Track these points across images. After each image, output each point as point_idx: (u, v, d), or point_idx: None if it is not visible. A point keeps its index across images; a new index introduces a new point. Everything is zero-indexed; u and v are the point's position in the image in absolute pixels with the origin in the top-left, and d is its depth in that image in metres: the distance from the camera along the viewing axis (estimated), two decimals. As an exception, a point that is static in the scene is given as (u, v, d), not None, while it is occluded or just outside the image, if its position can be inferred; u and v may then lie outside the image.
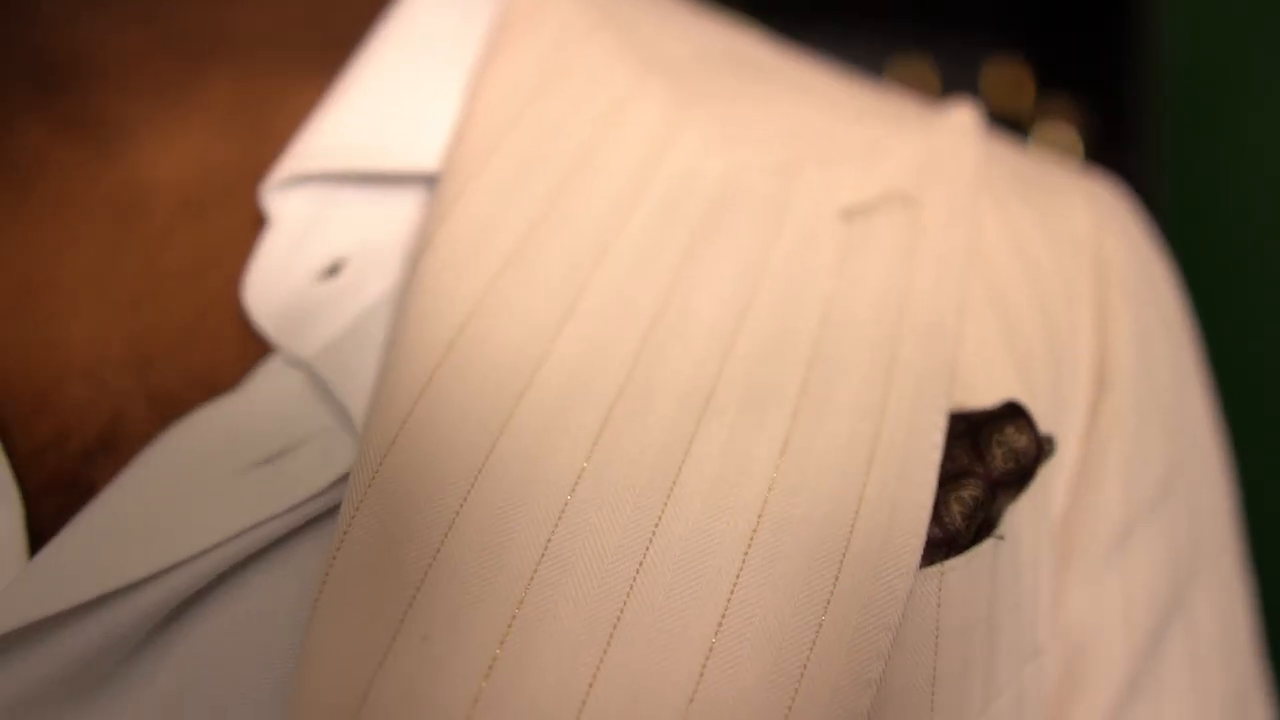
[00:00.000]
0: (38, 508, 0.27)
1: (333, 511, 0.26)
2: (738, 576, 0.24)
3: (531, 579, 0.24)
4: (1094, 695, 0.31)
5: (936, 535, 0.25)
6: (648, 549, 0.24)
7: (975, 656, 0.26)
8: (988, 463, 0.26)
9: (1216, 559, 0.33)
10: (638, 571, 0.24)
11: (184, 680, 0.25)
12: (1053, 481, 0.29)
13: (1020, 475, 0.27)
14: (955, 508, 0.26)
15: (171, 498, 0.26)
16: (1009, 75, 0.96)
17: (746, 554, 0.24)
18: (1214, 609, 0.33)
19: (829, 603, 0.24)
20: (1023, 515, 0.27)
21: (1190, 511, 0.32)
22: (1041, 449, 0.27)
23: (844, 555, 0.24)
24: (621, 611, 0.23)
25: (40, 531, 0.27)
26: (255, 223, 0.30)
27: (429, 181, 0.30)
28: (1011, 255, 0.31)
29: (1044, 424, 0.29)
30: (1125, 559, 0.31)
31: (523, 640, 0.23)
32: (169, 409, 0.28)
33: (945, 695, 0.25)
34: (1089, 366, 0.31)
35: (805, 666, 0.23)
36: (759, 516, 0.24)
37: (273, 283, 0.29)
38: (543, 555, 0.24)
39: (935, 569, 0.25)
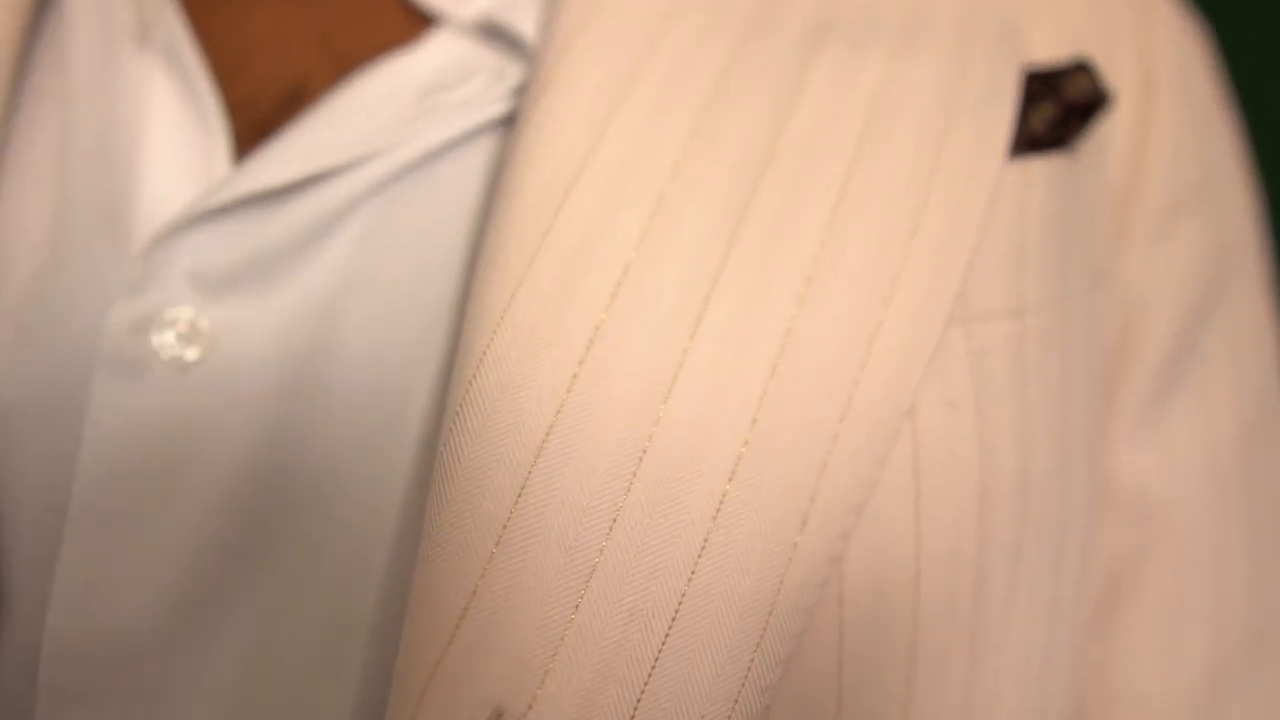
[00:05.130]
0: (237, 151, 0.31)
1: (507, 121, 0.30)
2: (851, 170, 0.28)
3: (678, 166, 0.28)
4: (1145, 359, 0.35)
5: (1021, 137, 0.30)
6: (777, 141, 0.28)
7: (1052, 248, 0.30)
8: (1061, 92, 0.31)
9: (1249, 266, 0.37)
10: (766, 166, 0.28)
11: (388, 242, 0.29)
12: (1107, 152, 0.34)
13: (1088, 107, 0.31)
14: (1034, 119, 0.30)
15: (363, 114, 0.30)
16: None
17: (862, 135, 0.28)
18: (1250, 309, 0.37)
19: (931, 178, 0.28)
20: (1087, 159, 0.32)
21: (1226, 213, 0.37)
22: (1105, 94, 0.32)
23: (944, 138, 0.29)
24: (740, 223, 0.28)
25: None
26: None
27: None
28: None
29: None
30: (1172, 239, 0.35)
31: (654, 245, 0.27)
32: (350, 69, 0.32)
33: (1032, 270, 0.29)
34: (1134, 71, 0.35)
35: (902, 269, 0.27)
36: (874, 100, 0.29)
37: None
38: (687, 145, 0.28)
39: (1020, 164, 0.29)
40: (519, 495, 0.24)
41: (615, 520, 0.24)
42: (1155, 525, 0.35)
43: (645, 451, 0.25)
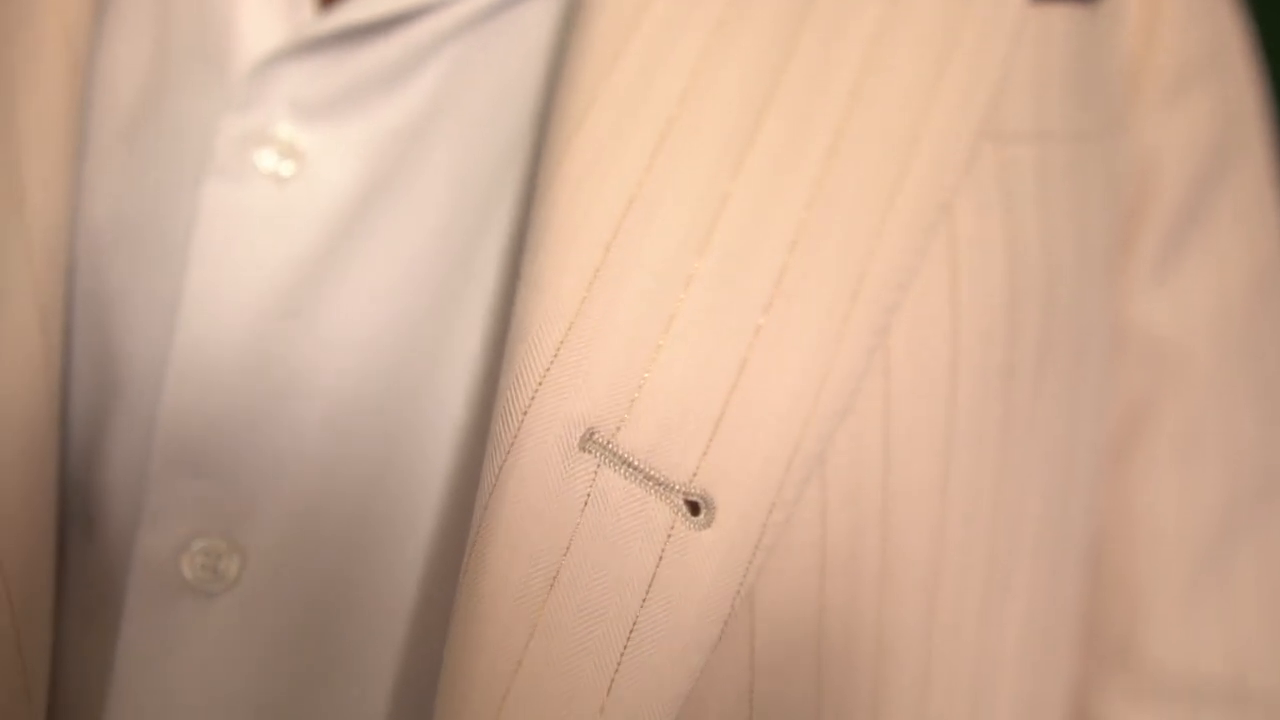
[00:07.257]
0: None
1: None
2: (890, 5, 0.31)
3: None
4: (1158, 216, 0.37)
5: None
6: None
7: (1072, 86, 0.33)
8: None
9: (1254, 139, 0.40)
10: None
11: (470, 79, 0.32)
12: (1122, 21, 0.36)
13: None
14: None
15: None
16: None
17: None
18: (1255, 177, 0.40)
19: (963, 10, 0.31)
20: (1103, 18, 0.35)
21: (1233, 88, 0.39)
22: None
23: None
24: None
25: None
26: None
27: None
28: None
29: None
30: (1183, 107, 0.38)
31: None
32: None
33: (1054, 102, 0.32)
34: None
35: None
36: None
37: None
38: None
39: (1042, 8, 0.32)
40: (608, 248, 0.27)
41: (691, 278, 0.27)
42: (1169, 369, 0.38)
43: (711, 230, 0.28)
